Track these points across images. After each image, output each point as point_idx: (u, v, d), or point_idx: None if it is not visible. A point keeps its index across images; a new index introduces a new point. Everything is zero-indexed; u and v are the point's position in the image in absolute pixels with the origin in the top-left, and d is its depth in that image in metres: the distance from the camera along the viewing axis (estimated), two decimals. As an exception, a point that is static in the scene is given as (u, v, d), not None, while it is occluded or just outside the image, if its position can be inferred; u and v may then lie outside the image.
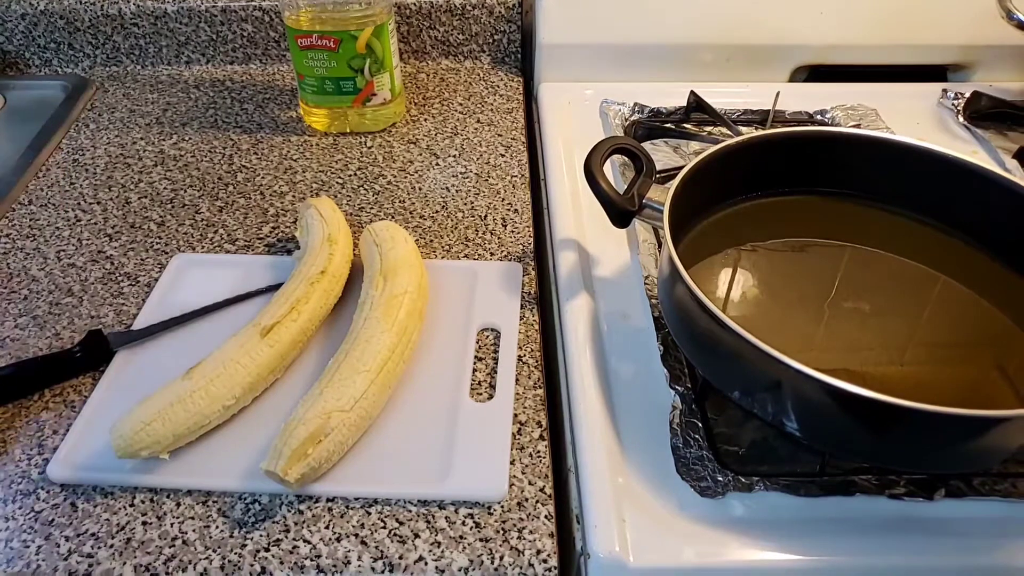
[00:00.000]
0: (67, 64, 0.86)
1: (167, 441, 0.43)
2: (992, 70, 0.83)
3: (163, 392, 0.44)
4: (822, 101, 0.77)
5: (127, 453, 0.43)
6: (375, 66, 0.71)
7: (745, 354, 0.40)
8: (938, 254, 0.54)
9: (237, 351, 0.46)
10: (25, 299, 0.57)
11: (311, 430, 0.42)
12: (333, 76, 0.72)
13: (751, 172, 0.56)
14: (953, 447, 0.40)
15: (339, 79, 0.72)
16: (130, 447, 0.42)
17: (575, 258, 0.59)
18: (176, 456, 0.45)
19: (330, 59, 0.71)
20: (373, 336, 0.47)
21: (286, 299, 0.50)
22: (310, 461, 0.41)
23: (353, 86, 0.72)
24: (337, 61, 0.71)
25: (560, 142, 0.72)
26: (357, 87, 0.72)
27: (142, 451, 0.43)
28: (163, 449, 0.43)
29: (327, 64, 0.71)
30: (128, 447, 0.42)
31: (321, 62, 0.71)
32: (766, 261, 0.55)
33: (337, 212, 0.58)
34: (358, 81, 0.72)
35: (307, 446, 0.41)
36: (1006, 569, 0.41)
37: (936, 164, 0.54)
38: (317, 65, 0.71)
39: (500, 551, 0.41)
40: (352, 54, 0.70)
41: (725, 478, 0.43)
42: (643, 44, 0.81)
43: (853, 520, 0.42)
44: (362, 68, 0.71)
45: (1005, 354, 0.49)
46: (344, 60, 0.70)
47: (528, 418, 0.48)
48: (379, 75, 0.72)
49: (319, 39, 0.69)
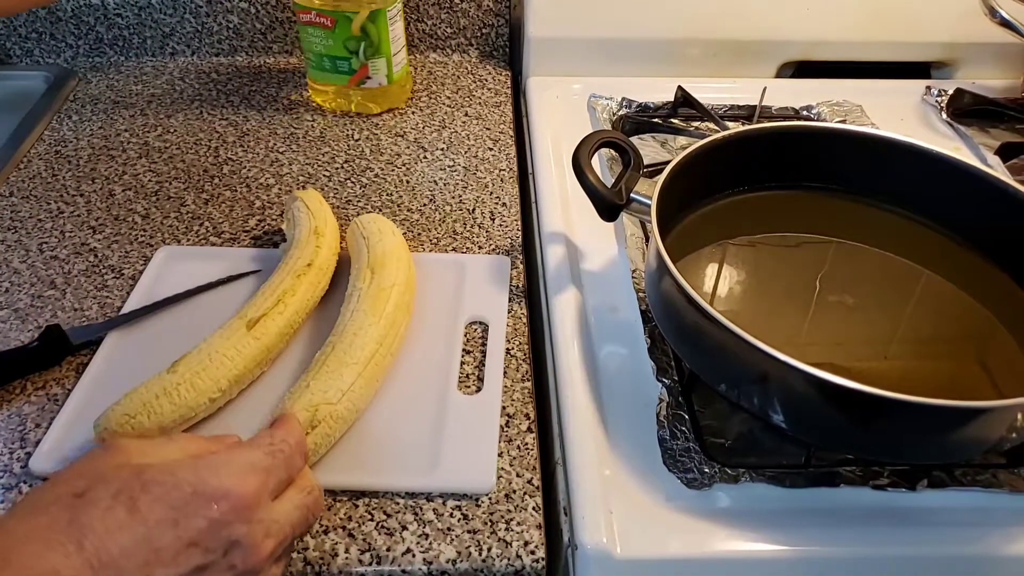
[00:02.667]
0: (49, 55, 0.85)
1: (152, 434, 0.43)
2: (975, 67, 0.84)
3: (148, 385, 0.44)
4: (808, 97, 0.78)
5: None
6: (370, 50, 0.72)
7: (731, 347, 0.40)
8: (922, 249, 0.55)
9: (223, 344, 0.46)
10: (7, 292, 0.56)
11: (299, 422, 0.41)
12: (330, 54, 0.73)
13: (738, 167, 0.56)
14: (935, 438, 0.40)
15: (335, 58, 0.73)
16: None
17: (563, 251, 0.59)
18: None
19: (327, 37, 0.72)
20: (361, 328, 0.47)
21: (272, 291, 0.50)
22: None
23: (348, 67, 0.73)
24: (333, 40, 0.72)
25: (548, 136, 0.72)
26: (352, 68, 0.73)
27: None
28: None
29: (325, 42, 0.72)
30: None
31: (319, 39, 0.72)
32: (752, 255, 0.55)
33: (324, 205, 0.58)
34: (352, 63, 0.73)
35: None
36: (987, 558, 0.42)
37: (920, 160, 0.55)
38: (316, 42, 0.72)
39: (488, 543, 0.41)
40: (347, 35, 0.71)
41: (711, 470, 0.43)
42: (631, 39, 0.81)
43: (838, 511, 0.42)
44: (356, 50, 0.72)
45: (986, 348, 0.50)
46: (340, 40, 0.71)
47: (516, 411, 0.49)
48: (374, 59, 0.73)
49: (317, 16, 0.71)
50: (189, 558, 0.30)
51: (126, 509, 0.29)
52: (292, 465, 0.34)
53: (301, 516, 0.34)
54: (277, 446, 0.34)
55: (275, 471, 0.33)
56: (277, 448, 0.34)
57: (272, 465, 0.33)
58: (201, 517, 0.30)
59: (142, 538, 0.29)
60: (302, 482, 0.35)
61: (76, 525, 0.28)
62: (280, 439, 0.35)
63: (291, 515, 0.33)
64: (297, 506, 0.34)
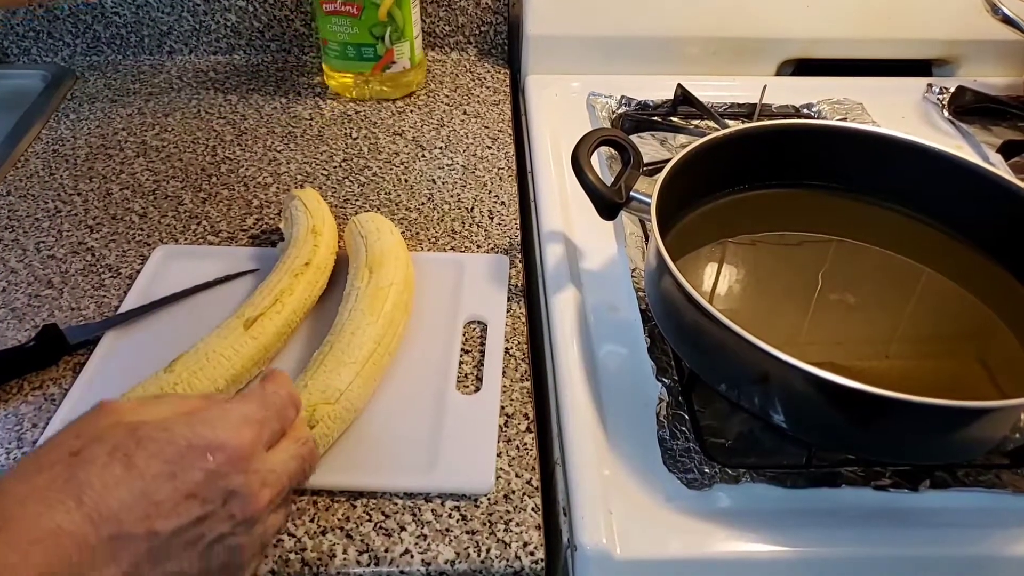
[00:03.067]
0: (47, 54, 0.84)
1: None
2: (977, 65, 0.84)
3: (145, 385, 0.44)
4: (808, 95, 0.78)
5: None
6: (395, 34, 0.73)
7: (732, 346, 0.40)
8: (923, 247, 0.54)
9: (220, 343, 0.46)
10: (3, 291, 0.56)
11: None
12: (355, 42, 0.74)
13: (738, 165, 0.56)
14: (937, 438, 0.40)
15: (360, 45, 0.74)
16: None
17: (562, 250, 0.59)
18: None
19: (352, 25, 0.73)
20: (359, 328, 0.46)
21: (270, 291, 0.49)
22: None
23: (373, 53, 0.74)
24: (359, 27, 0.73)
25: (547, 134, 0.72)
26: (377, 54, 0.74)
27: None
28: None
29: (349, 30, 0.73)
30: None
31: (344, 28, 0.73)
32: (752, 254, 0.55)
33: (322, 204, 0.57)
34: (378, 48, 0.74)
35: None
36: (990, 559, 0.41)
37: (921, 158, 0.54)
38: (340, 31, 0.73)
39: (487, 543, 0.41)
40: (373, 21, 0.72)
41: (712, 470, 0.43)
42: (630, 37, 0.81)
43: (839, 511, 0.42)
44: (383, 36, 0.73)
45: (988, 347, 0.49)
46: (366, 27, 0.73)
47: (515, 410, 0.48)
48: (399, 43, 0.74)
49: (343, 5, 0.72)
50: (188, 509, 0.30)
51: (123, 465, 0.29)
52: (285, 416, 0.35)
53: (297, 466, 0.35)
54: (269, 398, 0.35)
55: (268, 422, 0.34)
56: (270, 400, 0.35)
57: (265, 417, 0.34)
58: (198, 469, 0.30)
59: (140, 492, 0.29)
60: (296, 433, 0.36)
61: (74, 482, 0.29)
62: (272, 391, 0.35)
63: (287, 464, 0.34)
64: (292, 456, 0.34)
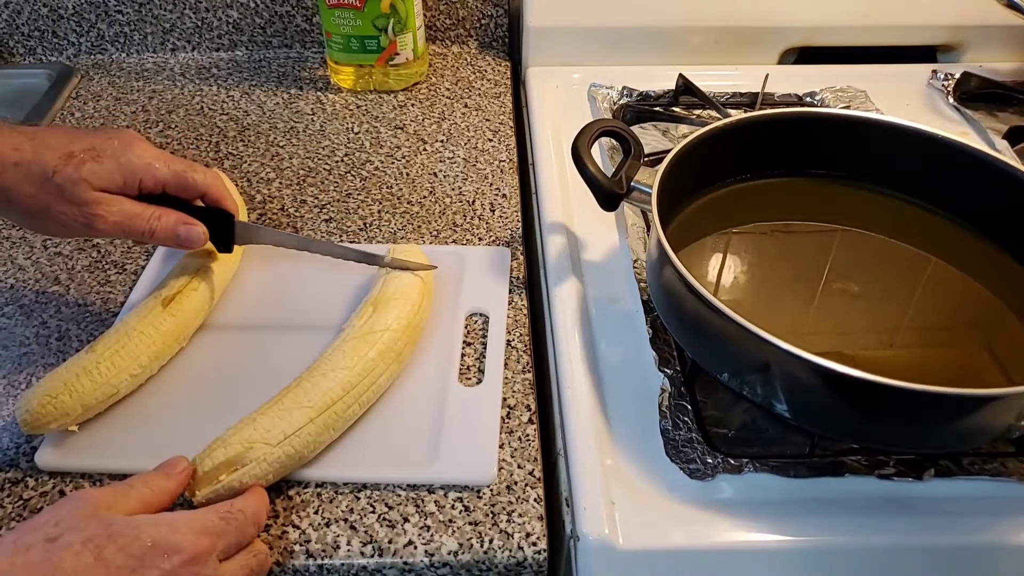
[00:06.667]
0: (51, 53, 0.85)
1: (75, 413, 0.43)
2: (982, 50, 0.83)
3: (68, 366, 0.44)
4: (811, 83, 0.77)
5: (34, 428, 0.43)
6: (398, 26, 0.74)
7: (734, 336, 0.40)
8: (928, 235, 0.54)
9: (140, 322, 0.47)
10: (12, 288, 0.56)
11: (229, 456, 0.40)
12: (358, 35, 0.75)
13: (740, 154, 0.56)
14: (942, 426, 0.40)
15: (364, 37, 0.75)
16: (37, 421, 0.42)
17: (563, 242, 0.59)
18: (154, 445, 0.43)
19: (355, 17, 0.74)
20: (331, 371, 0.44)
21: (183, 271, 0.51)
22: (219, 488, 0.40)
23: (377, 45, 0.75)
24: (362, 20, 0.74)
25: (548, 126, 0.72)
26: (380, 46, 0.75)
27: (50, 424, 0.43)
28: (72, 421, 0.44)
29: (353, 23, 0.74)
30: (35, 421, 0.42)
31: (347, 20, 0.74)
32: (755, 243, 0.55)
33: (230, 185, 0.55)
34: (382, 40, 0.75)
35: (221, 471, 0.40)
36: (995, 547, 0.41)
37: (926, 145, 0.54)
38: (343, 23, 0.74)
39: (489, 534, 0.41)
40: (377, 13, 0.73)
41: (714, 460, 0.43)
42: (631, 27, 0.80)
43: (843, 501, 0.42)
44: (386, 27, 0.74)
45: (995, 335, 0.49)
46: (369, 19, 0.73)
47: (517, 402, 0.48)
48: (402, 35, 0.75)
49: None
50: None
51: (93, 555, 0.33)
52: (244, 533, 0.38)
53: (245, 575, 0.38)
54: (234, 515, 0.38)
55: (226, 535, 0.37)
56: (233, 516, 0.38)
57: (224, 530, 0.37)
58: (156, 568, 0.34)
59: None
60: (253, 547, 0.39)
61: (48, 565, 0.33)
62: (238, 508, 0.39)
63: (235, 574, 0.37)
64: (242, 566, 0.38)
